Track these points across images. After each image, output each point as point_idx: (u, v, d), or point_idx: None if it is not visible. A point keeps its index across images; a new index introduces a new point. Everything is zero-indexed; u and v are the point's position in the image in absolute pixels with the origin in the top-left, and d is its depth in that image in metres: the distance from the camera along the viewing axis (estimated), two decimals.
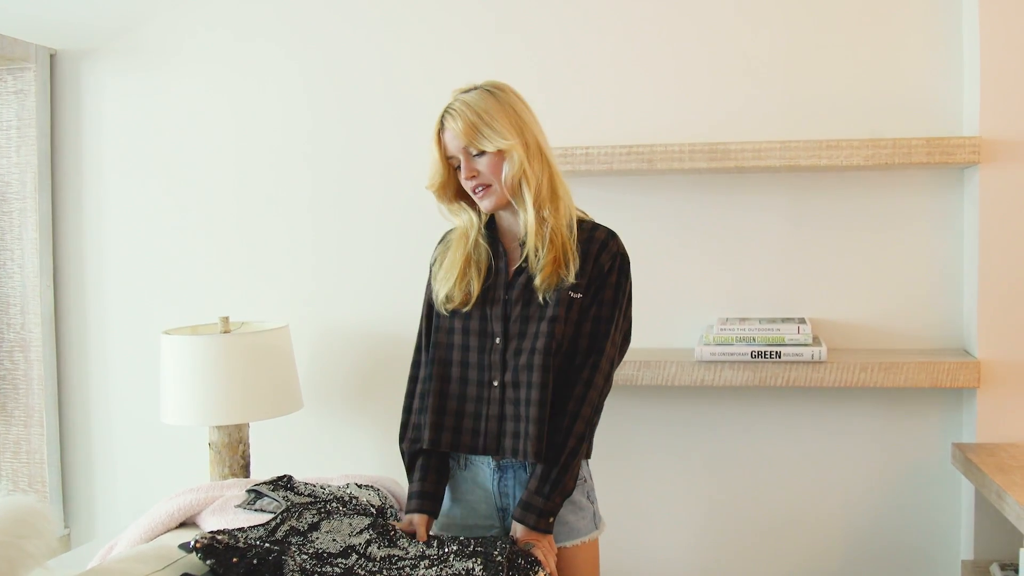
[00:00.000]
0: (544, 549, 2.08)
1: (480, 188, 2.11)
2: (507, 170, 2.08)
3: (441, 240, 2.29)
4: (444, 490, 2.22)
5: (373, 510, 2.18)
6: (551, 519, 2.09)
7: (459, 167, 2.13)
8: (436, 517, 2.20)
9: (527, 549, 2.06)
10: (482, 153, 2.09)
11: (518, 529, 2.09)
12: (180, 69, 3.29)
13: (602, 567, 2.31)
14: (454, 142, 2.10)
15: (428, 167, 2.18)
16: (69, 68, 3.36)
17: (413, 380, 2.27)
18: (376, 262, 3.18)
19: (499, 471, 2.17)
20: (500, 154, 2.08)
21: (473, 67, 3.06)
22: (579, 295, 2.13)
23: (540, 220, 2.11)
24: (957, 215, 2.87)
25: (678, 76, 2.99)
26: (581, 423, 2.10)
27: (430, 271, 2.27)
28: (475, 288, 2.16)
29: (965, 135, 2.79)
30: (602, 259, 2.15)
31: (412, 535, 2.13)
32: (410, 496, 2.20)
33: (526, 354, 2.11)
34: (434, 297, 2.22)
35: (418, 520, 2.16)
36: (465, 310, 2.17)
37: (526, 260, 2.15)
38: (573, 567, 2.19)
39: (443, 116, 2.11)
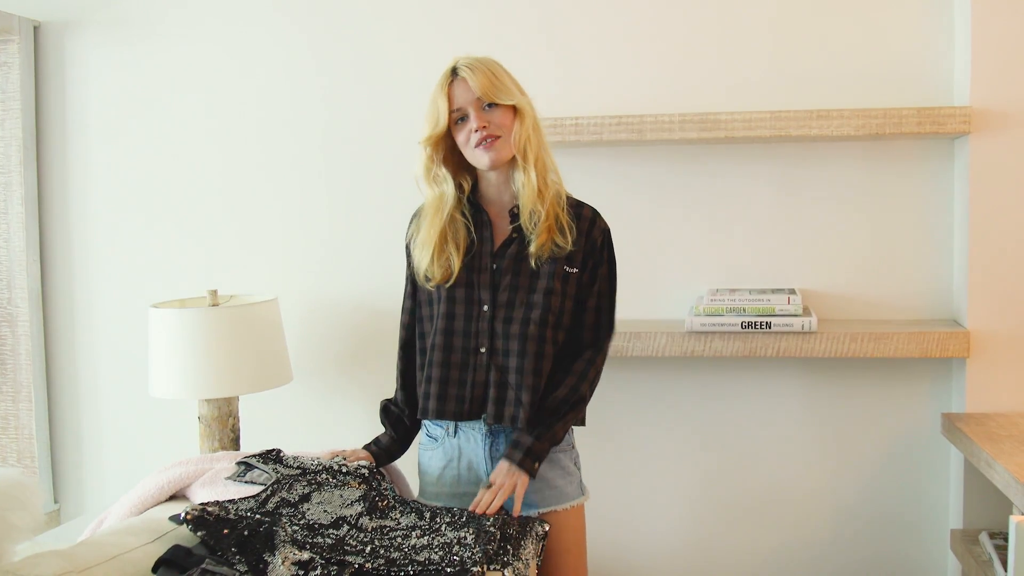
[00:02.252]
0: (517, 493, 2.11)
1: (488, 140, 2.12)
2: (518, 127, 2.13)
3: (413, 217, 2.31)
4: (398, 448, 2.35)
5: (365, 472, 2.19)
6: (536, 464, 2.14)
7: (460, 121, 2.15)
8: (380, 464, 2.31)
9: (483, 487, 2.12)
10: (493, 105, 2.12)
11: (501, 467, 2.13)
12: (165, 40, 3.25)
13: (590, 538, 2.34)
14: (466, 94, 2.12)
15: (427, 120, 2.18)
16: (53, 40, 3.32)
17: (400, 343, 2.36)
18: (365, 234, 3.16)
19: (491, 436, 2.21)
20: (512, 109, 2.14)
21: (462, 37, 3.04)
22: (575, 270, 2.20)
23: (545, 183, 2.16)
24: (947, 185, 2.87)
25: (668, 46, 2.97)
26: (586, 384, 2.20)
27: (407, 249, 2.31)
28: (455, 263, 2.19)
29: (956, 105, 2.79)
30: (594, 235, 2.23)
31: (403, 505, 2.14)
32: (374, 440, 2.35)
33: (518, 323, 2.16)
34: (415, 272, 2.26)
35: (363, 452, 2.30)
36: (448, 285, 2.20)
37: (517, 230, 2.19)
38: (564, 531, 2.24)
39: (456, 68, 2.14)
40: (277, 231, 3.23)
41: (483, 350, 2.18)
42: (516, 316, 2.16)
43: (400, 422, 2.35)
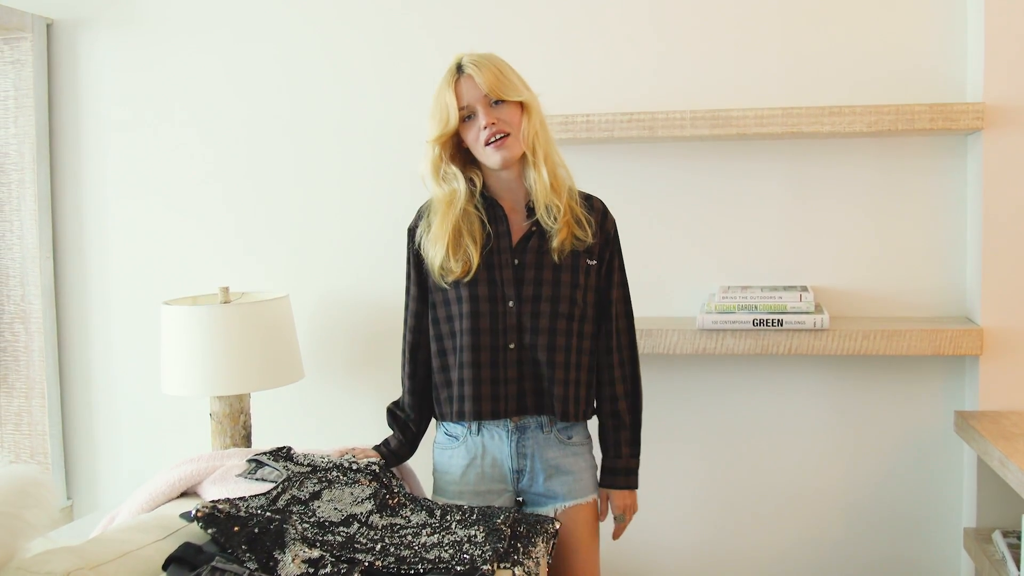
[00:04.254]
0: (630, 512, 2.32)
1: (498, 137, 2.11)
2: (526, 123, 2.12)
3: (419, 217, 2.27)
4: (407, 451, 2.36)
5: (375, 469, 2.19)
6: (636, 476, 2.31)
7: (468, 119, 2.13)
8: (389, 465, 2.31)
9: (619, 523, 2.31)
10: (500, 102, 2.11)
11: (614, 496, 2.27)
12: (177, 36, 3.26)
13: (602, 535, 2.35)
14: (473, 91, 2.10)
15: (434, 118, 2.16)
16: (66, 37, 3.33)
17: (407, 349, 2.33)
18: (377, 232, 3.16)
19: (517, 431, 2.20)
20: (520, 106, 2.13)
21: (472, 32, 3.03)
22: (594, 262, 2.22)
23: (556, 178, 2.16)
24: (960, 182, 2.85)
25: (679, 43, 2.96)
26: (638, 382, 2.32)
27: (416, 252, 2.26)
28: (474, 256, 2.16)
29: (969, 101, 2.77)
30: (607, 227, 2.25)
31: (413, 503, 2.14)
32: (384, 442, 2.36)
33: (546, 317, 2.16)
34: (430, 270, 2.21)
35: (372, 451, 2.32)
36: (467, 280, 2.17)
37: (536, 224, 2.18)
38: (582, 525, 2.25)
39: (462, 65, 2.13)
40: (289, 228, 3.23)
41: (512, 346, 2.17)
42: (543, 310, 2.16)
43: (407, 427, 2.34)
